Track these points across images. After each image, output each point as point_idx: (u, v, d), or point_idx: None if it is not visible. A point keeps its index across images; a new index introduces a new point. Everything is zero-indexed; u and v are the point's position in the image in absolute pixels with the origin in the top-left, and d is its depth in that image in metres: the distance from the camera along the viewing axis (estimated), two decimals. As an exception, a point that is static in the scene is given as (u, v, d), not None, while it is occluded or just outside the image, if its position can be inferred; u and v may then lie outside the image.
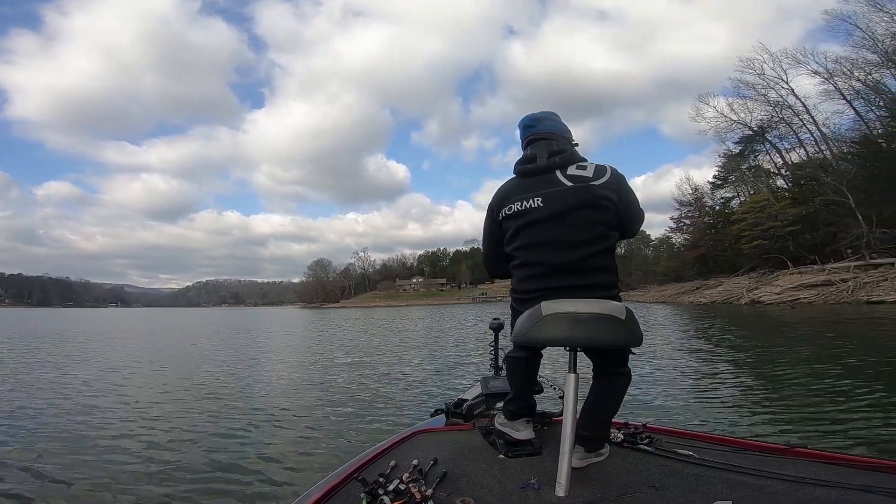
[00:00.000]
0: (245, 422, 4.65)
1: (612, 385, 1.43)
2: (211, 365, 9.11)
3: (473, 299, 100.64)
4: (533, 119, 1.60)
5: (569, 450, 1.15)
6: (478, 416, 1.88)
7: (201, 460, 3.54)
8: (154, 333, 20.17)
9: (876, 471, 1.20)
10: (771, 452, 1.39)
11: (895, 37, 25.18)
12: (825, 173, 28.03)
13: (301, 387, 6.64)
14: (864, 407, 4.20)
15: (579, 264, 1.38)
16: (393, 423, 4.43)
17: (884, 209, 24.27)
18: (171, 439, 4.11)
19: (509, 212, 1.48)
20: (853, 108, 30.59)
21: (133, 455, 3.68)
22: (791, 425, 3.83)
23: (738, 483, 1.18)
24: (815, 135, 33.92)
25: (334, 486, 1.24)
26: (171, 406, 5.47)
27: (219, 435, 4.21)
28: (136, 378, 7.67)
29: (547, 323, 1.22)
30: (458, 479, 1.28)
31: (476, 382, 2.21)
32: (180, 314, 63.81)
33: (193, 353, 11.55)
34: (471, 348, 10.99)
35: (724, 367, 6.94)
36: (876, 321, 12.45)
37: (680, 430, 1.69)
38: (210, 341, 15.27)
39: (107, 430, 4.46)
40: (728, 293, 30.56)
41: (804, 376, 5.72)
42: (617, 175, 1.44)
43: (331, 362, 9.29)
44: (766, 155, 39.41)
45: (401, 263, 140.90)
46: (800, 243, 29.82)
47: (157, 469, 3.36)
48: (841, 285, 22.68)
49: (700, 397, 5.04)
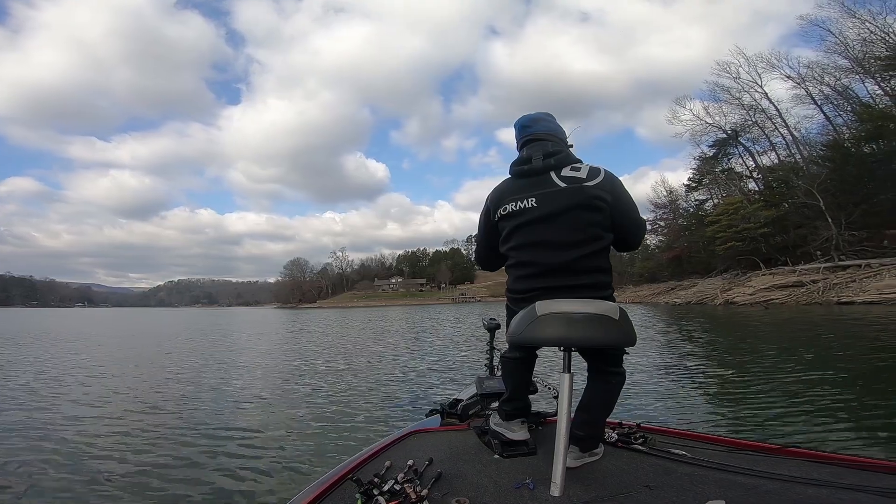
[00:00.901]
0: (237, 424, 4.57)
1: (607, 385, 1.43)
2: (196, 365, 8.91)
3: (453, 300, 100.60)
4: (529, 120, 1.60)
5: (563, 450, 1.16)
6: (473, 417, 1.87)
7: (193, 463, 3.46)
8: (123, 335, 18.85)
9: (865, 470, 1.21)
10: (764, 452, 1.40)
11: (865, 42, 25.76)
12: (797, 176, 28.49)
13: (292, 388, 6.47)
14: (854, 407, 4.25)
15: (573, 265, 1.39)
16: (388, 424, 4.41)
17: (852, 212, 24.76)
18: (160, 441, 4.03)
19: (504, 212, 1.48)
20: (823, 112, 31.37)
21: (123, 460, 3.54)
22: (783, 425, 3.84)
23: (731, 482, 1.19)
24: (787, 138, 34.65)
25: (329, 487, 1.24)
26: (160, 408, 5.29)
27: (211, 436, 4.14)
28: (120, 380, 7.37)
29: (541, 323, 1.23)
30: (454, 479, 1.28)
31: (471, 382, 2.19)
32: (150, 314, 62.42)
33: (176, 354, 11.13)
34: (462, 349, 10.81)
35: (716, 367, 6.94)
36: (852, 322, 12.44)
37: (674, 429, 1.69)
38: (190, 342, 14.59)
39: (80, 436, 4.21)
40: (702, 294, 30.86)
41: (794, 376, 5.72)
42: (611, 177, 1.44)
43: (322, 363, 9.08)
44: (738, 158, 40.18)
45: (379, 263, 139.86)
46: (771, 245, 30.32)
47: (149, 473, 3.27)
48: (811, 286, 22.99)
49: (693, 397, 5.06)
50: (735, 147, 39.55)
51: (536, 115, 1.61)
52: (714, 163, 41.35)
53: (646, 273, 49.00)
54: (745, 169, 39.96)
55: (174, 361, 9.59)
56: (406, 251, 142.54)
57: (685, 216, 45.60)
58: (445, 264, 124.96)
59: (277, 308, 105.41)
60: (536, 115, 1.61)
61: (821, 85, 30.75)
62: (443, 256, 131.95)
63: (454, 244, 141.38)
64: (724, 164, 41.21)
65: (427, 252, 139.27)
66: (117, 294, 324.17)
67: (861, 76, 27.55)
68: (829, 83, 30.34)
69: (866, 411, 4.09)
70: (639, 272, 52.07)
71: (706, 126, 39.16)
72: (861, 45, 26.21)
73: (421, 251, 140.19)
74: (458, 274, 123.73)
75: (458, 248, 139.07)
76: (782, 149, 35.86)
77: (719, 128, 38.68)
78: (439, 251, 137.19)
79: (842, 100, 30.27)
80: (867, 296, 18.85)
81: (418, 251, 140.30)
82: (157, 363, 9.37)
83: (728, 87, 36.35)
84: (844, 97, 30.08)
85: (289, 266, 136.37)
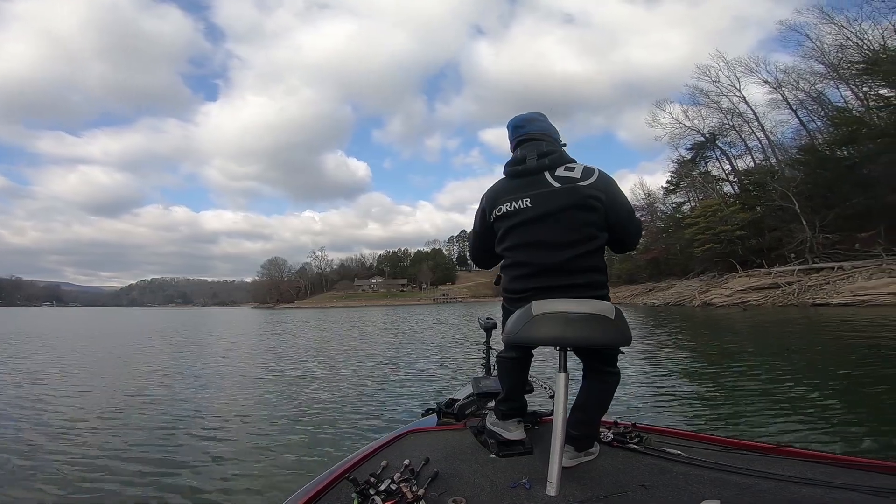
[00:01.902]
0: (232, 425, 4.54)
1: (602, 384, 1.43)
2: (185, 366, 8.84)
3: (435, 300, 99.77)
4: (523, 120, 1.60)
5: (559, 449, 1.16)
6: (469, 416, 1.87)
7: (187, 464, 3.44)
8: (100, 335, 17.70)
9: (858, 469, 1.21)
10: (758, 451, 1.40)
11: (841, 48, 26.23)
12: (773, 180, 28.87)
13: (288, 388, 6.38)
14: (848, 407, 4.28)
15: (568, 264, 1.39)
16: (384, 423, 4.38)
17: (826, 215, 25.14)
18: (157, 442, 4.00)
19: (500, 213, 1.48)
20: (797, 117, 31.95)
21: (113, 462, 3.51)
22: (778, 424, 3.85)
23: (726, 482, 1.19)
24: (763, 142, 35.24)
25: (325, 486, 1.24)
26: (152, 409, 5.25)
27: (205, 438, 4.13)
28: (104, 381, 7.27)
29: (537, 323, 1.23)
30: (450, 478, 1.28)
31: (467, 382, 2.19)
32: (121, 314, 61.26)
33: (161, 354, 11.04)
34: (457, 348, 10.83)
35: (709, 367, 6.94)
36: (832, 323, 12.42)
37: (669, 429, 1.69)
38: (173, 343, 14.35)
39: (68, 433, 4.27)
40: (680, 295, 31.06)
41: (784, 377, 5.74)
42: (605, 177, 1.44)
43: (315, 363, 9.05)
44: (715, 161, 40.76)
45: (360, 263, 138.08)
46: (747, 247, 30.68)
47: (141, 474, 3.26)
48: (787, 288, 23.23)
49: (688, 397, 5.09)
50: (712, 150, 40.14)
51: (530, 115, 1.61)
52: (692, 166, 41.88)
53: (624, 274, 49.36)
54: (722, 172, 40.63)
55: (154, 361, 9.46)
56: (387, 251, 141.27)
57: (663, 218, 46.08)
58: (427, 265, 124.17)
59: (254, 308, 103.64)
60: (530, 115, 1.61)
61: (796, 90, 31.40)
62: (424, 257, 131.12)
63: (436, 245, 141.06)
64: (701, 168, 41.82)
65: (408, 252, 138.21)
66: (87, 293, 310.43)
67: (835, 82, 28.17)
68: (804, 88, 31.03)
69: (855, 411, 4.13)
70: (617, 273, 52.42)
71: (685, 129, 39.68)
72: (837, 50, 26.72)
73: (402, 251, 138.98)
74: (440, 274, 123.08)
75: (440, 248, 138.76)
76: (758, 152, 36.54)
77: (698, 131, 39.18)
78: (421, 251, 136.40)
79: (815, 105, 30.98)
80: (841, 298, 19.02)
81: (399, 251, 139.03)
82: (162, 363, 9.18)
83: (707, 90, 36.88)
84: (818, 102, 30.77)
85: (266, 265, 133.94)
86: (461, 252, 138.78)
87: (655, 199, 47.37)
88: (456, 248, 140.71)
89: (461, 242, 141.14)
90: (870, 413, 4.07)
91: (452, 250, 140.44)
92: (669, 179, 44.86)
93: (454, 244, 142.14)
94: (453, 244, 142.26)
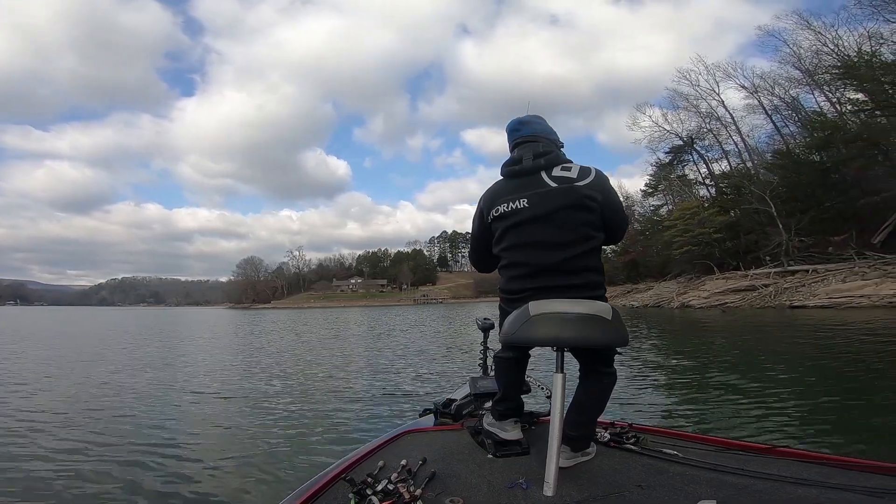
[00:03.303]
0: (228, 425, 4.53)
1: (599, 385, 1.43)
2: (181, 365, 8.93)
3: (415, 301, 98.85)
4: (520, 122, 1.61)
5: (556, 449, 1.16)
6: (466, 416, 1.87)
7: (185, 463, 3.45)
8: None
9: (853, 469, 1.22)
10: (754, 452, 1.41)
11: (818, 54, 26.72)
12: (750, 183, 29.22)
13: (285, 388, 6.38)
14: (842, 407, 4.31)
15: (565, 265, 1.39)
16: (381, 424, 4.37)
17: (801, 219, 25.49)
18: (152, 442, 3.98)
19: (497, 213, 1.49)
20: (772, 122, 32.52)
21: (114, 466, 3.42)
22: (773, 425, 3.85)
23: (722, 482, 1.19)
24: (740, 145, 35.79)
25: (322, 487, 1.23)
26: (147, 413, 5.16)
27: (203, 436, 4.15)
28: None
29: (535, 323, 1.23)
30: (447, 478, 1.28)
31: (465, 382, 2.21)
32: (87, 313, 60.48)
33: (160, 356, 10.80)
34: (455, 348, 10.87)
35: (705, 368, 6.97)
36: (814, 325, 12.36)
37: (665, 429, 1.69)
38: (167, 343, 14.31)
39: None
40: (658, 297, 31.24)
41: (782, 377, 5.80)
42: (601, 176, 1.45)
43: (308, 363, 9.04)
44: (693, 165, 41.24)
45: (338, 263, 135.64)
46: (724, 250, 30.98)
47: (143, 472, 3.27)
48: (763, 290, 23.45)
49: (685, 397, 5.16)
50: (690, 154, 40.61)
51: (527, 117, 1.62)
52: (670, 169, 42.29)
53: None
54: (699, 175, 41.17)
55: (171, 362, 9.44)
56: (366, 251, 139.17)
57: (641, 221, 46.48)
58: (407, 265, 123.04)
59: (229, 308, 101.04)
60: (527, 118, 1.62)
61: (771, 95, 31.96)
62: (405, 257, 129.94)
63: (416, 245, 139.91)
64: (678, 171, 42.28)
65: (388, 253, 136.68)
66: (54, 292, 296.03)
67: (810, 87, 28.71)
68: (779, 94, 31.59)
69: (849, 412, 4.16)
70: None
71: (664, 133, 39.98)
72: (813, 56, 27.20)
73: (382, 252, 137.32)
74: (420, 275, 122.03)
75: (421, 249, 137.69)
76: (734, 156, 37.09)
77: (676, 135, 39.57)
78: (401, 252, 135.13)
79: (789, 111, 31.60)
80: (818, 300, 19.19)
81: (379, 252, 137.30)
82: (156, 365, 9.06)
83: (687, 94, 37.22)
84: (792, 108, 31.38)
85: (242, 265, 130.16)
86: (442, 253, 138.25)
87: (634, 202, 47.77)
88: (437, 249, 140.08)
89: (442, 243, 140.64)
90: (863, 413, 4.10)
91: (433, 251, 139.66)
92: (648, 182, 45.32)
93: (435, 245, 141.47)
94: (434, 245, 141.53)
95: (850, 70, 21.71)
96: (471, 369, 6.39)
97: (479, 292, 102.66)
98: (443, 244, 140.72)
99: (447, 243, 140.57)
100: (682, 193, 41.08)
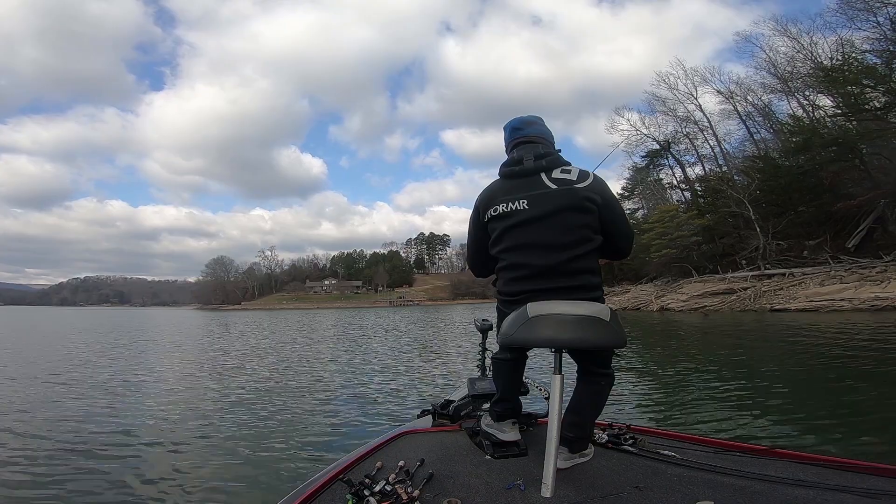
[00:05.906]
0: (225, 425, 4.51)
1: (596, 386, 1.43)
2: (174, 368, 8.93)
3: (391, 303, 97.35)
4: (521, 122, 1.61)
5: (554, 451, 1.16)
6: (464, 417, 1.87)
7: (182, 462, 3.46)
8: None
9: (849, 471, 1.22)
10: (752, 453, 1.41)
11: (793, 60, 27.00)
12: (728, 187, 29.32)
13: (282, 389, 6.35)
14: (838, 409, 4.24)
15: (564, 266, 1.38)
16: (379, 424, 4.35)
17: (778, 222, 25.59)
18: (152, 446, 3.94)
19: (494, 213, 1.48)
20: (746, 127, 32.89)
21: (116, 466, 3.42)
22: (770, 426, 3.83)
23: (719, 483, 1.20)
24: (716, 149, 36.06)
25: (319, 488, 1.23)
26: (142, 412, 5.14)
27: (200, 436, 4.13)
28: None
29: (533, 324, 1.24)
30: (445, 479, 1.28)
31: (463, 383, 2.19)
32: (45, 314, 58.82)
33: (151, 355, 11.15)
34: (455, 349, 10.90)
35: (701, 371, 6.97)
36: (801, 328, 11.98)
37: (663, 431, 1.69)
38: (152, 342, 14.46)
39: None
40: (637, 300, 30.97)
41: (778, 379, 5.80)
42: (600, 180, 1.45)
43: (304, 363, 9.07)
44: (668, 169, 41.52)
45: (312, 264, 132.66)
46: (702, 253, 31.00)
47: (144, 480, 3.20)
48: (742, 293, 23.29)
49: (682, 399, 5.14)
50: (665, 158, 40.86)
51: (527, 117, 1.62)
52: (646, 173, 42.49)
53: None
54: (674, 179, 41.47)
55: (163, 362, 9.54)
56: (341, 252, 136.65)
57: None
58: (383, 266, 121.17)
59: (198, 309, 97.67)
60: (528, 118, 1.62)
61: (745, 101, 32.30)
62: (380, 259, 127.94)
63: (393, 246, 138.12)
64: (654, 175, 42.52)
65: (364, 254, 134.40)
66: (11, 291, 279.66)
67: (785, 94, 29.03)
68: (752, 101, 31.96)
69: (846, 413, 4.13)
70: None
71: (641, 137, 40.02)
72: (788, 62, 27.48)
73: (357, 252, 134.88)
74: (397, 277, 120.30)
75: (397, 250, 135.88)
76: (709, 161, 37.40)
77: (653, 139, 39.68)
78: (377, 253, 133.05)
79: (761, 116, 32.04)
80: (798, 303, 19.04)
81: (355, 252, 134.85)
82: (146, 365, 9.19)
83: (665, 97, 37.26)
84: (764, 115, 31.81)
85: (211, 265, 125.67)
86: (419, 255, 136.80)
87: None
88: (414, 250, 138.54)
89: (419, 245, 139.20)
90: (858, 414, 4.09)
91: (410, 253, 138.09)
92: (624, 186, 45.45)
93: (412, 247, 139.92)
94: (411, 247, 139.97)
95: (834, 71, 21.80)
96: (469, 370, 6.44)
97: (456, 294, 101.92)
98: (420, 246, 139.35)
99: (424, 245, 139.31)
100: (657, 197, 41.29)
